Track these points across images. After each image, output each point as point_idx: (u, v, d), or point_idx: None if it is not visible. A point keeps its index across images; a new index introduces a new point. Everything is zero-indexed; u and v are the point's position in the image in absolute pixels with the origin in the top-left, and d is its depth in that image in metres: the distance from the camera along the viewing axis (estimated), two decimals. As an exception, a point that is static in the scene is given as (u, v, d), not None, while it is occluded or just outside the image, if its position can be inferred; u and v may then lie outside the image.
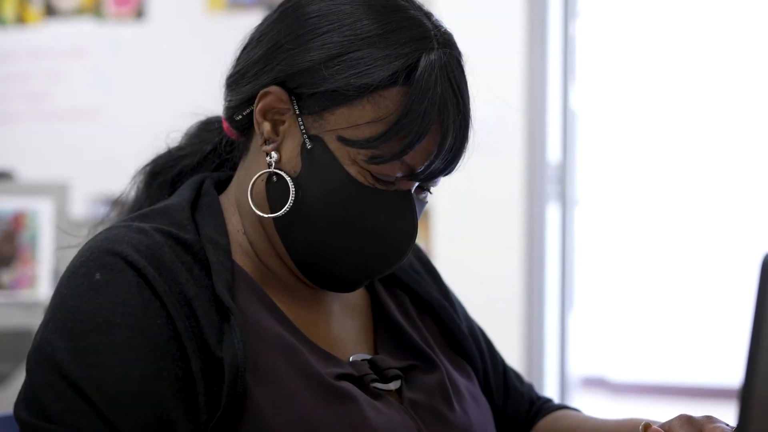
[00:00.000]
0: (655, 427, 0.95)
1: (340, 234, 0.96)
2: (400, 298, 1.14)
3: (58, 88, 4.04)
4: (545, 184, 3.29)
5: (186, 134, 1.13)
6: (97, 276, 0.89)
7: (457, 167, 0.98)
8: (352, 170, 0.94)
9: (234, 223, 1.02)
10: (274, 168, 0.97)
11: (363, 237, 0.97)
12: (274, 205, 0.97)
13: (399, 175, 0.96)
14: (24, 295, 3.66)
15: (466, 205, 3.22)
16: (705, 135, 5.11)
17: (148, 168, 1.12)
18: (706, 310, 4.92)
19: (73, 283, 0.90)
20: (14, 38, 4.10)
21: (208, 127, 1.12)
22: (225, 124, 1.06)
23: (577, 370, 3.61)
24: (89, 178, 3.75)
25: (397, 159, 0.93)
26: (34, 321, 3.62)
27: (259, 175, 0.98)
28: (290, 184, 0.96)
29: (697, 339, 4.91)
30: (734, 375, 4.02)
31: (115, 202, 1.13)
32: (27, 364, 0.88)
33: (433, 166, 0.95)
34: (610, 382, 4.93)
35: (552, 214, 3.36)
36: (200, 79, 2.11)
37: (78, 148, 3.98)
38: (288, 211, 0.96)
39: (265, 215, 0.97)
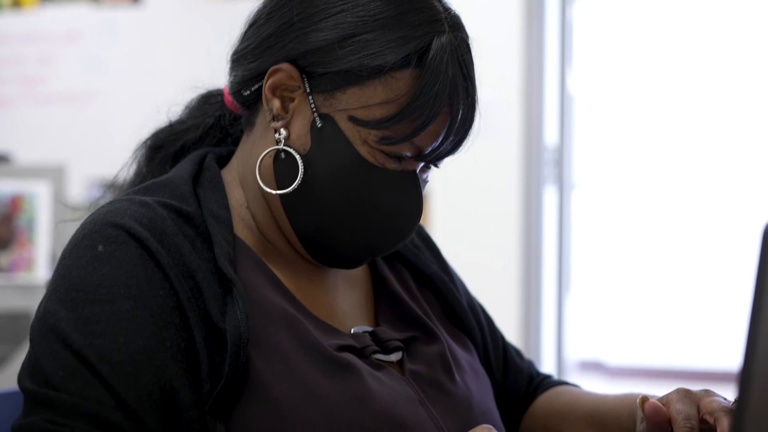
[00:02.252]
0: (652, 400, 0.96)
1: (347, 212, 0.97)
2: (401, 271, 1.15)
3: (53, 71, 4.03)
4: (542, 167, 3.29)
5: (187, 107, 1.13)
6: (100, 248, 0.89)
7: (462, 148, 0.99)
8: (362, 150, 0.95)
9: (236, 197, 1.02)
10: (283, 145, 0.97)
11: (370, 215, 0.97)
12: (281, 182, 0.98)
13: (408, 155, 0.97)
14: (21, 277, 3.66)
15: (462, 188, 3.22)
16: (702, 119, 5.11)
17: (149, 142, 1.12)
18: (703, 294, 4.93)
19: (76, 254, 0.90)
20: (10, 22, 4.09)
21: (209, 100, 1.12)
22: (228, 98, 1.06)
23: (573, 353, 3.62)
24: (85, 161, 3.75)
25: (407, 140, 0.95)
26: (31, 303, 3.62)
27: (267, 152, 0.98)
28: (299, 161, 0.96)
29: (694, 323, 4.92)
30: (731, 359, 4.03)
31: (112, 185, 1.13)
32: (30, 334, 0.88)
33: (442, 147, 0.97)
34: (606, 365, 4.94)
35: (549, 197, 3.36)
36: (195, 63, 2.10)
37: (74, 132, 3.97)
38: (295, 189, 0.96)
39: (273, 192, 0.98)
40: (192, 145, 1.10)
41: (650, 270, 5.07)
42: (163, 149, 1.11)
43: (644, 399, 0.96)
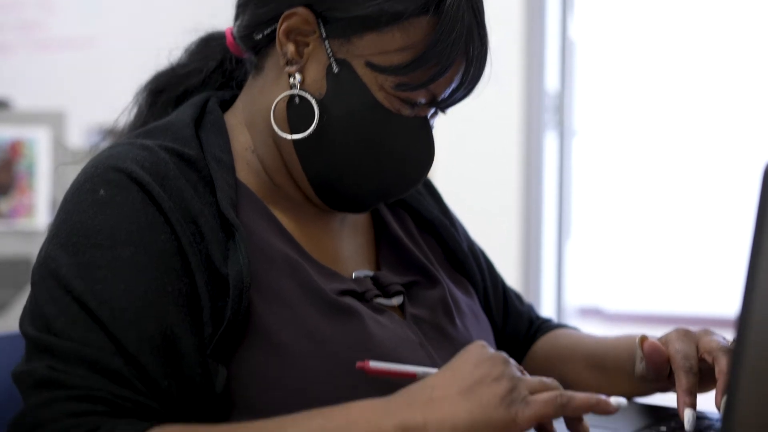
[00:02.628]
0: (652, 339, 0.96)
1: (361, 156, 0.97)
2: (403, 217, 1.15)
3: (52, 16, 4.00)
4: (543, 113, 3.27)
5: (187, 51, 1.12)
6: (102, 192, 0.89)
7: (472, 95, 1.00)
8: (379, 95, 0.95)
9: (241, 142, 1.02)
10: (299, 90, 0.96)
11: (383, 160, 0.98)
12: (295, 126, 0.97)
13: (422, 101, 0.97)
14: (22, 223, 3.66)
15: (463, 134, 3.20)
16: (704, 65, 5.08)
17: (150, 86, 1.10)
18: (702, 241, 4.94)
19: (77, 198, 0.90)
20: (6, -34, 4.04)
21: (209, 43, 1.11)
22: (231, 42, 1.05)
23: (573, 299, 3.64)
24: (85, 107, 3.73)
25: (424, 87, 0.95)
26: (32, 249, 3.63)
27: (282, 97, 0.97)
28: (315, 106, 0.96)
29: (693, 269, 4.94)
30: (730, 305, 4.05)
31: (113, 129, 1.12)
32: (32, 278, 0.88)
33: (456, 94, 0.98)
34: (605, 311, 4.97)
35: (549, 143, 3.35)
36: (195, 6, 2.08)
37: (73, 78, 3.95)
38: (310, 133, 0.96)
39: (288, 137, 0.97)
40: (194, 89, 1.09)
41: (650, 217, 5.07)
42: (165, 93, 1.10)
43: (643, 338, 0.97)
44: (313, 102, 0.96)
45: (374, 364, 0.85)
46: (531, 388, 0.77)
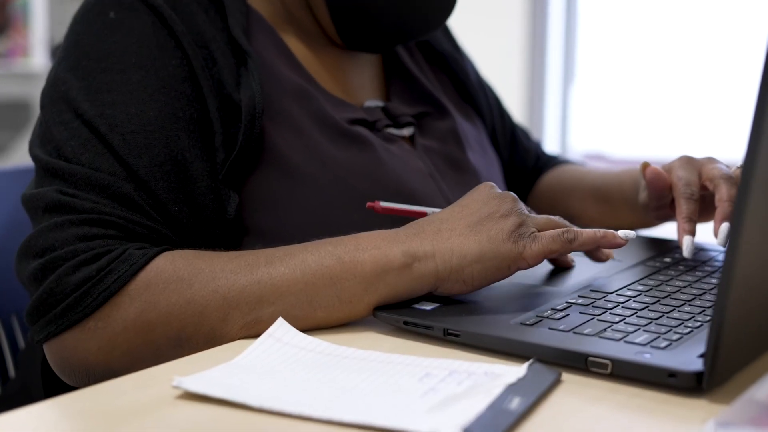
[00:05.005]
0: (654, 166, 0.95)
1: None
2: (413, 50, 1.14)
3: None
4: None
5: None
6: (111, 14, 0.86)
7: None
8: None
9: None
10: None
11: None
12: None
13: None
14: (19, 64, 3.60)
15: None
16: None
17: None
18: (708, 87, 4.90)
19: (87, 20, 0.87)
20: None
21: None
22: None
23: (577, 145, 3.63)
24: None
25: None
26: (30, 91, 3.60)
27: None
28: None
29: (699, 116, 4.92)
30: (735, 151, 4.05)
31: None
32: (41, 101, 0.87)
33: None
34: (609, 157, 4.97)
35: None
36: None
37: None
38: None
39: None
40: None
41: (656, 62, 5.01)
42: None
43: (645, 165, 0.95)
44: None
45: (384, 204, 0.85)
46: (538, 225, 0.77)
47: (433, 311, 0.74)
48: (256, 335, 0.71)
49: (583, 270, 0.87)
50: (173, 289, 0.74)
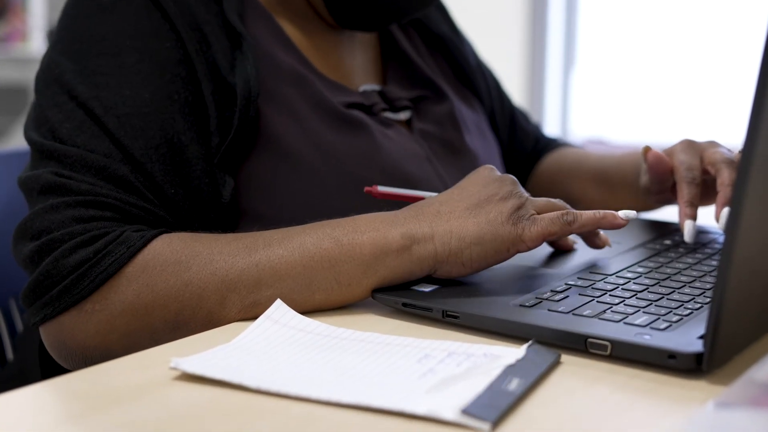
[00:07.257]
0: (655, 150, 0.94)
1: None
2: (410, 33, 1.13)
3: None
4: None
5: None
6: None
7: None
8: None
9: None
10: None
11: None
12: None
13: None
14: (17, 49, 3.59)
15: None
16: None
17: None
18: (710, 72, 4.89)
19: (80, 4, 0.87)
20: None
21: None
22: None
23: (577, 130, 3.62)
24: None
25: None
26: (28, 76, 3.59)
27: None
28: None
29: (700, 100, 4.91)
30: (737, 136, 4.04)
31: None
32: (36, 84, 0.86)
33: None
34: (610, 143, 4.96)
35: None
36: None
37: None
38: None
39: None
40: None
41: (657, 47, 5.00)
42: None
43: (647, 149, 0.95)
44: None
45: (382, 188, 0.85)
46: (538, 208, 0.77)
47: (432, 293, 0.74)
48: (254, 318, 0.71)
49: (583, 252, 0.87)
50: (171, 271, 0.74)
